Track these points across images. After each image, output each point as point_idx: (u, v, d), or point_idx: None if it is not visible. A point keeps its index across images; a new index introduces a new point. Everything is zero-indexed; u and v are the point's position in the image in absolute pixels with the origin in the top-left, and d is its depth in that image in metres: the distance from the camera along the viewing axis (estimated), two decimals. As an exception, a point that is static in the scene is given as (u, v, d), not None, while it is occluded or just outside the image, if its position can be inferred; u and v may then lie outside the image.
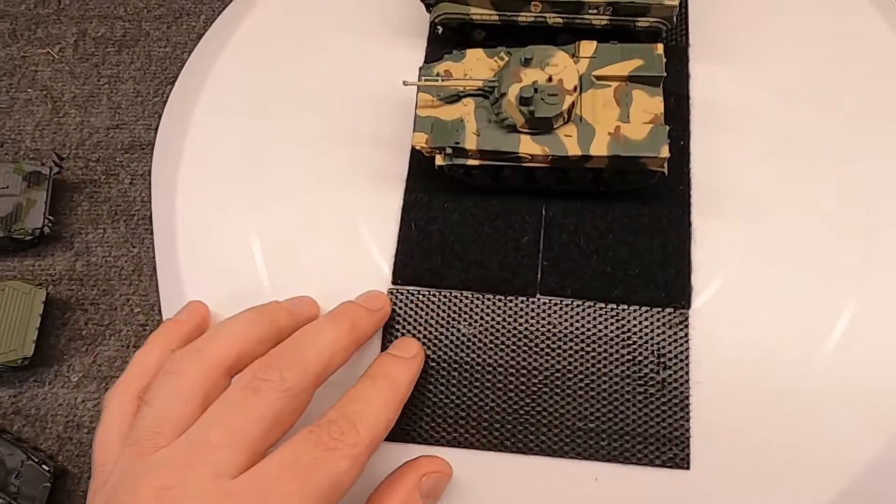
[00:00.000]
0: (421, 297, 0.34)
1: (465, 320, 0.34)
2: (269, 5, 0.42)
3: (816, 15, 0.39)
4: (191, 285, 0.36)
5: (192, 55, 0.44)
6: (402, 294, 0.34)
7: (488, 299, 0.34)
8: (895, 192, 0.35)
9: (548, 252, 0.34)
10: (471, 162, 0.33)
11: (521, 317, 0.34)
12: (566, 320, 0.34)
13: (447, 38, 0.38)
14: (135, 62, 0.48)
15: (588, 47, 0.34)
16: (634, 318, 0.33)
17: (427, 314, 0.34)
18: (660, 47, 0.33)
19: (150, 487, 0.26)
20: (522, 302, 0.34)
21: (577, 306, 0.34)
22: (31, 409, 0.40)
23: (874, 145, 0.36)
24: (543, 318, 0.34)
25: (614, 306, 0.33)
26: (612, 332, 0.33)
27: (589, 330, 0.33)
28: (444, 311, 0.34)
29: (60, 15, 0.50)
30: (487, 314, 0.34)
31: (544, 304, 0.34)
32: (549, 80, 0.32)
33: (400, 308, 0.34)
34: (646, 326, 0.33)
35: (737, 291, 0.33)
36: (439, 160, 0.33)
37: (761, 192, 0.35)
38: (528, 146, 0.32)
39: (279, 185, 0.37)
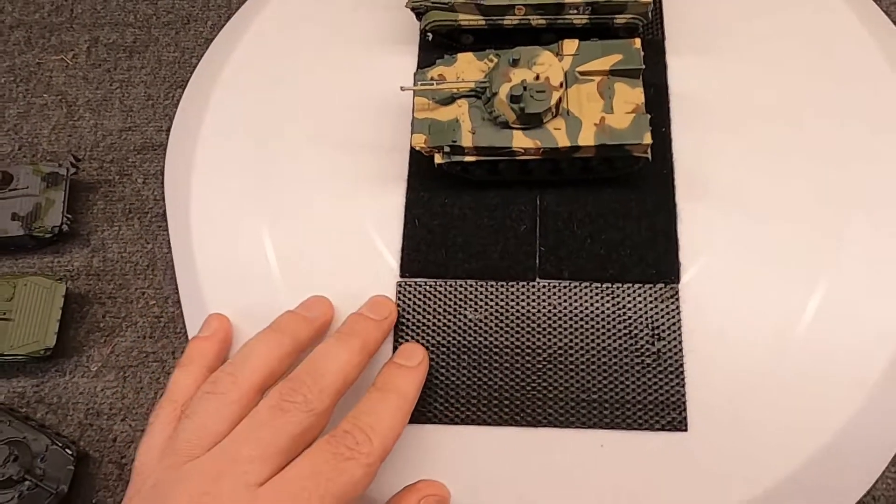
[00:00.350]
0: (428, 287, 0.37)
1: (470, 307, 0.36)
2: (273, 16, 0.44)
3: (785, 7, 0.41)
4: (208, 284, 0.38)
5: (200, 62, 0.46)
6: (410, 286, 0.37)
7: (491, 286, 0.36)
8: (867, 171, 0.37)
9: (544, 239, 0.37)
10: (468, 158, 0.35)
11: (522, 300, 0.36)
12: (565, 301, 0.36)
13: (437, 44, 0.40)
14: (145, 67, 0.50)
15: (571, 45, 0.36)
16: (629, 295, 0.36)
17: (435, 303, 0.36)
18: (637, 42, 0.36)
19: (185, 494, 0.29)
20: (523, 286, 0.36)
21: (575, 287, 0.36)
22: (53, 397, 0.42)
23: (845, 130, 0.38)
24: (544, 301, 0.36)
25: (609, 285, 0.36)
26: (608, 309, 0.36)
27: (587, 308, 0.36)
28: (450, 300, 0.36)
29: (73, 23, 0.52)
30: (491, 300, 0.36)
31: (544, 287, 0.36)
32: (537, 78, 0.34)
33: (409, 299, 0.37)
34: (640, 302, 0.35)
35: (722, 265, 0.36)
36: (438, 159, 0.36)
37: (740, 173, 0.37)
38: (521, 140, 0.35)
39: (288, 187, 0.39)
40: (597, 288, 0.36)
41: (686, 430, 0.34)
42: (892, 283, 0.35)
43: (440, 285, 0.37)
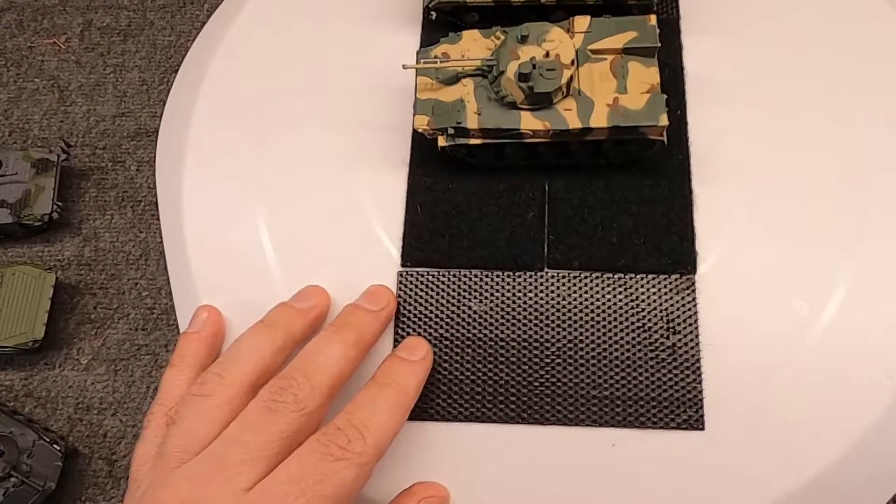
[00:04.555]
0: (431, 277, 0.35)
1: (475, 298, 0.34)
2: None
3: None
4: (200, 274, 0.37)
5: (193, 44, 0.45)
6: (412, 276, 0.35)
7: (497, 276, 0.35)
8: (889, 156, 0.35)
9: (553, 226, 0.35)
10: (473, 141, 0.34)
11: (530, 291, 0.34)
12: (575, 292, 0.34)
13: (441, 23, 0.39)
14: (140, 51, 0.49)
15: (582, 22, 0.34)
16: (642, 286, 0.34)
17: (438, 294, 0.35)
18: (653, 18, 0.34)
19: (172, 500, 0.28)
20: (531, 276, 0.34)
21: (585, 278, 0.34)
22: (41, 391, 0.41)
23: (866, 110, 0.36)
24: (553, 292, 0.34)
25: (622, 276, 0.34)
26: (620, 301, 0.34)
27: (598, 300, 0.34)
28: (454, 290, 0.35)
29: (66, 5, 0.51)
30: (497, 290, 0.34)
31: (552, 277, 0.34)
32: (546, 55, 0.32)
33: (411, 290, 0.35)
34: (654, 293, 0.34)
35: (740, 255, 0.34)
36: (442, 141, 0.34)
37: (758, 158, 0.36)
38: (529, 122, 0.33)
39: (284, 172, 0.37)
40: (608, 278, 0.34)
41: (703, 428, 0.32)
42: (924, 272, 0.33)
43: (443, 275, 0.35)
